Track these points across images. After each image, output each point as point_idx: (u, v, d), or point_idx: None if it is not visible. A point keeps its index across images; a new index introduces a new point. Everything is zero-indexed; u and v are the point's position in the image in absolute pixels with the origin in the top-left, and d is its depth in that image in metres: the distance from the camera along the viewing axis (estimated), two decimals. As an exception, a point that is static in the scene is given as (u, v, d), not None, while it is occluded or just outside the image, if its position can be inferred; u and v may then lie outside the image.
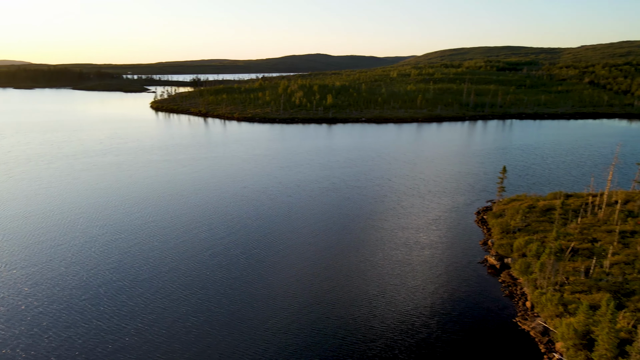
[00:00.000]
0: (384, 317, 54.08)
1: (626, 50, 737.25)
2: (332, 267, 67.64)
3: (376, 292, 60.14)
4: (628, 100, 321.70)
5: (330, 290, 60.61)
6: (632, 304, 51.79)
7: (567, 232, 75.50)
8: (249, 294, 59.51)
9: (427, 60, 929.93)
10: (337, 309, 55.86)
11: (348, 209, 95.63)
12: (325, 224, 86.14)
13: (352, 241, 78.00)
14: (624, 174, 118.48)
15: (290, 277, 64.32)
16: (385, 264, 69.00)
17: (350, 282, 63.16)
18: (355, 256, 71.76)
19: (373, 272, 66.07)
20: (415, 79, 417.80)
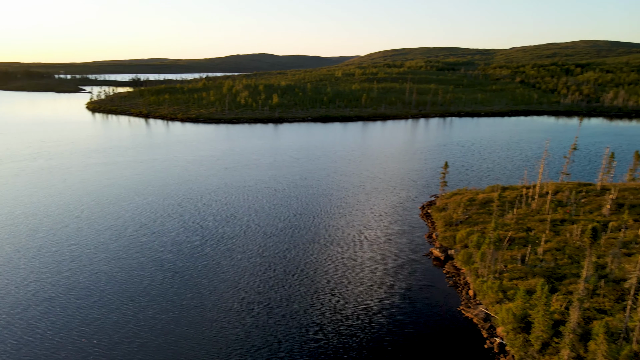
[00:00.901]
0: (334, 315, 54.25)
1: (552, 52, 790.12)
2: (280, 267, 67.04)
3: (326, 290, 60.26)
4: (555, 99, 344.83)
5: (279, 290, 60.01)
6: (564, 287, 55.24)
7: (505, 222, 79.45)
8: (195, 299, 57.66)
9: (371, 60, 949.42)
10: (287, 309, 55.38)
11: (295, 208, 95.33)
12: (272, 224, 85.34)
13: (300, 240, 77.77)
14: (553, 167, 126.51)
15: (238, 279, 63.05)
16: (334, 261, 69.34)
17: (299, 281, 62.88)
18: (303, 255, 71.57)
19: (322, 270, 66.17)
20: (359, 78, 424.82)
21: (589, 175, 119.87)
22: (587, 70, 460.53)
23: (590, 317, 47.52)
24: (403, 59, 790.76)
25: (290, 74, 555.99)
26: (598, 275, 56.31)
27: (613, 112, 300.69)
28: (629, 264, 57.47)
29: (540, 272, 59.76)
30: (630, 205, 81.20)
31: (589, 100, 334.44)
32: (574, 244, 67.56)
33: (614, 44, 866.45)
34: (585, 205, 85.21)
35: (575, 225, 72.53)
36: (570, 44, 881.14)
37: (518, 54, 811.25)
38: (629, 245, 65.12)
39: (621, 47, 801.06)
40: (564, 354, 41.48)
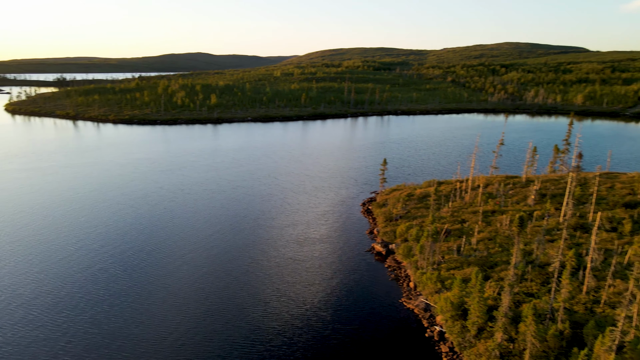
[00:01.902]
0: (279, 316, 53.87)
1: (479, 53, 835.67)
2: (222, 271, 65.56)
3: (270, 292, 59.69)
4: (483, 97, 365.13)
5: (221, 295, 58.64)
6: (496, 274, 58.52)
7: (441, 215, 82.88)
8: (132, 310, 54.93)
9: (309, 60, 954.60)
10: (230, 313, 54.24)
11: (236, 210, 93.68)
12: (212, 227, 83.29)
13: (242, 242, 76.51)
14: (483, 161, 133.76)
15: (177, 286, 60.87)
16: (277, 262, 68.87)
17: (243, 284, 61.83)
18: (246, 257, 70.47)
19: (265, 272, 65.50)
20: (298, 78, 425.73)
21: (515, 168, 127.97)
22: (510, 70, 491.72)
23: (519, 301, 50.68)
24: (341, 59, 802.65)
25: (229, 73, 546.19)
26: (526, 261, 60.18)
27: (534, 109, 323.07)
28: (552, 250, 61.97)
29: (475, 261, 62.90)
30: (552, 195, 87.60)
31: (514, 99, 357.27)
32: (503, 233, 71.78)
33: (534, 45, 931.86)
34: (512, 196, 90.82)
35: (505, 216, 77.10)
36: (495, 46, 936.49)
37: (449, 55, 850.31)
38: (551, 232, 70.21)
39: (540, 49, 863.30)
40: (498, 337, 43.90)
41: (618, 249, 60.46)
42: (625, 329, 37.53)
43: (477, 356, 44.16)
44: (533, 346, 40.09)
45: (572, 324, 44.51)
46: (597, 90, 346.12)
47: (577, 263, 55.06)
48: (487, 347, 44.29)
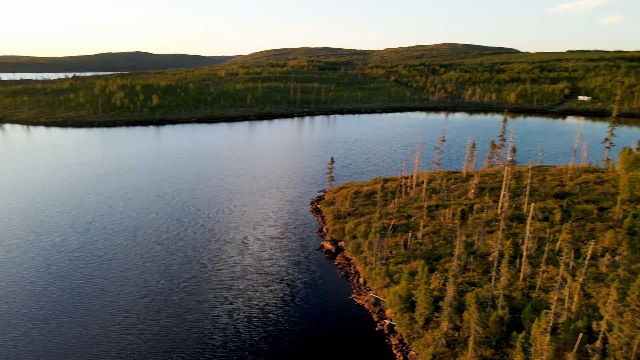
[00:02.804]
0: (229, 319, 52.90)
1: (420, 53, 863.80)
2: (168, 277, 63.41)
3: (219, 295, 58.46)
4: (425, 96, 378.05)
5: (168, 302, 56.72)
6: (441, 266, 60.73)
7: (388, 211, 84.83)
8: (69, 323, 51.84)
9: (254, 59, 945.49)
10: (178, 319, 52.56)
11: (181, 213, 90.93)
12: (156, 232, 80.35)
13: (188, 247, 74.39)
14: (426, 158, 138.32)
15: (120, 296, 58.17)
16: (225, 265, 67.59)
17: (190, 289, 60.13)
18: (192, 262, 68.59)
19: (213, 276, 64.09)
20: (243, 77, 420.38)
21: (456, 164, 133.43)
22: (449, 70, 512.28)
23: (463, 290, 52.89)
24: (286, 59, 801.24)
25: (171, 73, 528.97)
26: (468, 252, 62.92)
27: (472, 107, 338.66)
28: (492, 240, 65.21)
29: (421, 255, 64.93)
30: (490, 189, 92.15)
31: (453, 97, 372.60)
32: (447, 226, 74.63)
33: (470, 46, 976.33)
34: (454, 190, 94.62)
35: (448, 210, 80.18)
36: (434, 46, 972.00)
37: (391, 55, 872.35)
38: (490, 223, 73.84)
39: (476, 50, 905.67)
40: (444, 326, 45.56)
41: (550, 237, 64.62)
42: (558, 311, 40.14)
43: (425, 346, 45.60)
44: (476, 333, 41.95)
45: (511, 310, 47.04)
46: (528, 89, 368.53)
47: (514, 252, 58.32)
48: (434, 336, 45.86)
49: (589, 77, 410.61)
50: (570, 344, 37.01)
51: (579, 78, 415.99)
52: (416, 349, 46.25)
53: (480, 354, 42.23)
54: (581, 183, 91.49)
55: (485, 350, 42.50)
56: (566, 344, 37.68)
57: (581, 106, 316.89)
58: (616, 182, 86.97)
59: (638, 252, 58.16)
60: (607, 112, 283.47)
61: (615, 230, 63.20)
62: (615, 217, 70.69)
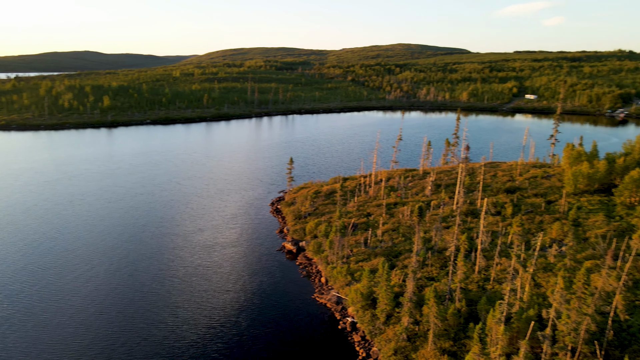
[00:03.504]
0: (191, 325, 51.76)
1: (376, 53, 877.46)
2: (124, 286, 61.28)
3: (178, 302, 57.06)
4: (381, 95, 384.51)
5: (126, 310, 54.80)
6: (400, 262, 62.00)
7: (348, 210, 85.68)
8: (20, 336, 49.10)
9: (210, 59, 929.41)
10: (137, 329, 50.88)
11: (136, 219, 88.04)
12: (110, 239, 77.43)
13: (144, 253, 72.14)
14: (384, 157, 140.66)
15: (74, 306, 55.64)
16: (185, 270, 66.08)
17: (148, 297, 58.36)
18: (150, 269, 66.58)
19: (173, 282, 62.51)
20: (199, 78, 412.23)
21: (413, 161, 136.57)
22: (404, 70, 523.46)
23: (422, 285, 54.23)
24: (243, 59, 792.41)
25: (122, 73, 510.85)
26: (426, 248, 64.59)
27: (427, 106, 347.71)
28: (448, 235, 67.21)
29: (381, 252, 66.02)
30: (446, 185, 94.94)
31: (408, 96, 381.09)
32: (405, 223, 76.26)
33: (424, 47, 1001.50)
34: (412, 188, 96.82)
35: (406, 207, 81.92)
36: (390, 47, 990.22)
37: (348, 55, 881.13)
38: (447, 219, 76.09)
39: (429, 50, 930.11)
40: (404, 321, 46.55)
41: (502, 231, 67.38)
42: (511, 302, 41.90)
43: (386, 341, 46.41)
44: (436, 326, 43.14)
45: (467, 302, 48.69)
46: (479, 88, 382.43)
47: (470, 246, 60.38)
48: (396, 331, 46.76)
49: (535, 77, 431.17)
50: (523, 332, 38.72)
51: (526, 77, 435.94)
52: (378, 344, 47.00)
53: (440, 346, 43.45)
54: (530, 178, 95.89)
55: (445, 342, 43.78)
56: (519, 332, 39.41)
57: (528, 104, 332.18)
58: (561, 177, 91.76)
59: (582, 242, 61.68)
60: (552, 110, 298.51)
61: (561, 222, 66.68)
62: (561, 210, 74.58)
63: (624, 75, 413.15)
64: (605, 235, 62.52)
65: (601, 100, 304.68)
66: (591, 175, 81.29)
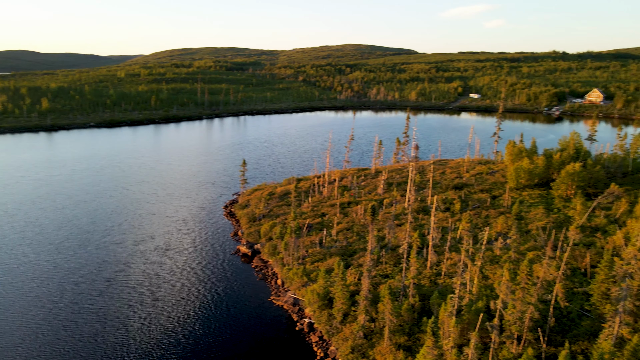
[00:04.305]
0: (144, 336, 49.99)
1: (326, 54, 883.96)
2: (69, 298, 58.21)
3: (130, 313, 54.94)
4: (333, 95, 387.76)
5: (73, 324, 52.09)
6: (355, 261, 62.84)
7: (302, 211, 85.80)
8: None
9: (157, 60, 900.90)
10: (86, 342, 48.51)
11: (79, 227, 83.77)
12: (51, 250, 73.24)
13: (90, 263, 68.83)
14: (337, 156, 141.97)
15: (16, 322, 52.27)
16: (136, 279, 63.72)
17: (97, 308, 55.76)
18: (97, 279, 63.66)
19: (123, 292, 60.08)
20: (146, 79, 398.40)
21: (365, 161, 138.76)
22: (355, 70, 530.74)
23: (377, 283, 55.23)
24: (191, 59, 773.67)
25: (62, 74, 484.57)
26: (380, 246, 65.82)
27: (377, 105, 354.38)
28: (401, 233, 68.84)
29: (336, 252, 66.62)
30: (397, 184, 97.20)
31: (359, 96, 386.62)
32: (359, 222, 77.36)
33: (373, 47, 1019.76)
34: (365, 187, 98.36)
35: (359, 206, 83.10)
36: (340, 47, 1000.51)
37: (298, 55, 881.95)
38: (399, 217, 77.91)
39: (378, 51, 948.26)
40: (361, 319, 47.26)
41: (452, 226, 69.87)
42: (461, 295, 43.56)
43: (344, 340, 46.92)
44: (391, 322, 44.10)
45: (421, 297, 50.10)
46: (427, 88, 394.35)
47: (422, 242, 62.11)
48: (352, 330, 47.38)
49: (478, 77, 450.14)
50: (473, 323, 40.35)
51: (470, 77, 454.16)
52: (336, 343, 47.43)
53: (395, 342, 44.46)
54: (476, 174, 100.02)
55: (400, 337, 44.83)
56: (469, 324, 41.02)
57: (472, 103, 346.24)
58: (504, 172, 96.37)
59: (525, 235, 65.07)
60: (494, 108, 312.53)
61: (505, 216, 70.05)
62: (505, 204, 78.33)
63: (558, 75, 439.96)
64: (545, 227, 66.28)
65: (539, 99, 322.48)
66: (531, 171, 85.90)
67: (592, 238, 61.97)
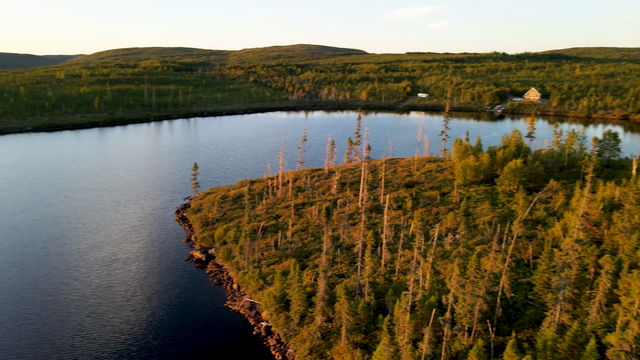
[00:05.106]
0: (94, 351, 47.68)
1: (277, 54, 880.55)
2: (9, 315, 54.61)
3: (78, 328, 52.25)
4: (284, 96, 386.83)
5: (15, 343, 48.90)
6: (311, 262, 63.07)
7: (257, 214, 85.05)
8: None
9: (99, 59, 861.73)
10: (27, 361, 45.71)
11: (15, 240, 78.37)
12: (-8, 263, 68.54)
13: (29, 277, 64.75)
14: (290, 157, 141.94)
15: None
16: (82, 292, 60.68)
17: (40, 325, 52.61)
18: (37, 295, 60.00)
19: (69, 307, 57.02)
20: (88, 80, 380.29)
21: (318, 161, 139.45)
22: (306, 70, 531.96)
23: (333, 283, 55.72)
24: (137, 59, 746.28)
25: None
26: (335, 246, 66.42)
27: (329, 105, 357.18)
28: (355, 232, 69.81)
29: (292, 254, 66.56)
30: (350, 183, 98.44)
31: (311, 96, 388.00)
32: (314, 223, 77.70)
33: (323, 48, 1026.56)
34: (318, 187, 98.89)
35: (314, 207, 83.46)
36: (290, 47, 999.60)
37: (249, 56, 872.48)
38: (353, 216, 78.97)
39: (328, 51, 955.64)
40: (318, 320, 47.50)
41: (404, 224, 71.65)
42: (415, 291, 44.75)
43: (301, 342, 46.98)
44: (347, 321, 44.62)
45: (376, 295, 51.06)
46: (377, 88, 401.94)
47: (375, 241, 63.22)
48: (310, 331, 47.53)
49: (425, 77, 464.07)
50: (426, 318, 41.58)
51: (417, 77, 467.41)
52: (294, 346, 47.41)
53: (352, 341, 45.03)
54: (426, 172, 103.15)
55: (357, 336, 45.46)
56: (423, 319, 42.26)
57: (421, 102, 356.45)
58: (452, 170, 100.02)
59: (473, 230, 67.84)
60: (441, 107, 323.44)
61: (454, 212, 72.72)
62: (454, 200, 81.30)
63: (499, 75, 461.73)
64: (491, 221, 69.45)
65: (482, 98, 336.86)
66: (477, 168, 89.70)
67: (533, 230, 65.57)
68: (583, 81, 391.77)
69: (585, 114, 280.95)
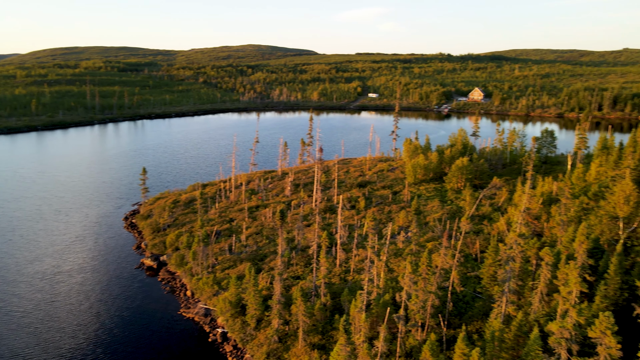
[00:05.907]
0: (34, 368, 45.09)
1: (227, 54, 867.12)
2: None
3: (18, 347, 49.14)
4: (235, 97, 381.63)
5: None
6: (267, 265, 62.70)
7: (210, 218, 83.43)
8: None
9: (36, 59, 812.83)
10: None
11: (-47, 252, 73.11)
12: None
13: (-32, 291, 60.44)
14: (242, 159, 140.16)
15: None
16: (23, 309, 57.08)
17: (-24, 343, 49.11)
18: (-24, 309, 56.08)
19: (9, 325, 53.51)
20: (23, 80, 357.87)
21: (271, 163, 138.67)
22: (256, 71, 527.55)
23: (289, 285, 55.67)
24: (77, 59, 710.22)
25: None
26: (290, 248, 66.38)
27: (281, 106, 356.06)
28: (310, 233, 70.08)
29: (247, 257, 65.86)
30: (304, 184, 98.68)
31: (262, 97, 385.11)
32: (268, 225, 77.26)
33: (274, 48, 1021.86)
34: (272, 189, 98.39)
35: (267, 209, 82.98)
36: (240, 47, 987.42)
37: (197, 56, 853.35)
38: (307, 217, 79.22)
39: (279, 51, 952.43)
40: (275, 323, 47.32)
41: (357, 223, 72.72)
42: (370, 290, 45.60)
43: (259, 346, 46.64)
44: (304, 323, 44.76)
45: (332, 295, 51.52)
46: (328, 88, 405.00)
47: (330, 241, 63.91)
48: (267, 335, 47.28)
49: (375, 77, 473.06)
50: (381, 316, 42.46)
51: (367, 77, 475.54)
52: (251, 351, 46.97)
53: (310, 342, 45.23)
54: (378, 172, 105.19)
55: (314, 337, 45.70)
56: (378, 317, 43.12)
57: (371, 102, 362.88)
58: (403, 169, 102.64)
59: (424, 227, 69.91)
60: (391, 107, 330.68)
61: (406, 211, 74.65)
62: (405, 199, 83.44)
63: (445, 75, 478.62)
64: (441, 218, 71.89)
65: (429, 98, 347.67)
66: (427, 166, 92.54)
67: (480, 226, 68.54)
68: (522, 81, 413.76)
69: (525, 113, 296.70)
